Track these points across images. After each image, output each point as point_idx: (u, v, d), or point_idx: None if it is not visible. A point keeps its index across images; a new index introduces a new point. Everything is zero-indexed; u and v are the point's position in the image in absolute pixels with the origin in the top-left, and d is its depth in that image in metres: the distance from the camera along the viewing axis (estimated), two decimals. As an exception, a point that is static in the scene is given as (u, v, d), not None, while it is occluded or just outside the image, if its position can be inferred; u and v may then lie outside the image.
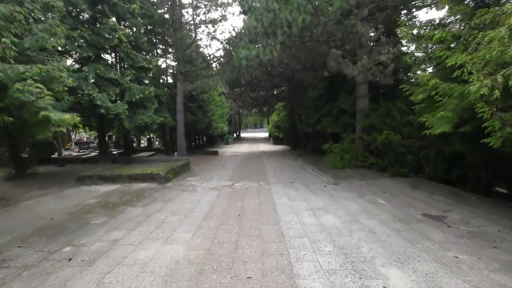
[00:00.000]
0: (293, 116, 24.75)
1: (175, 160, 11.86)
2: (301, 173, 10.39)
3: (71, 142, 17.93)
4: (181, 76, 15.30)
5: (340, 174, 9.85)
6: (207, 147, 30.38)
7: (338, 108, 13.34)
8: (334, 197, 6.29)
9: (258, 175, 9.93)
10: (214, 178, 9.47)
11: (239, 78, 21.51)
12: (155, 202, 6.07)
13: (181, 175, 10.17)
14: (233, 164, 13.68)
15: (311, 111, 17.53)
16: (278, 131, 31.09)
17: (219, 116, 30.37)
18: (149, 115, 10.20)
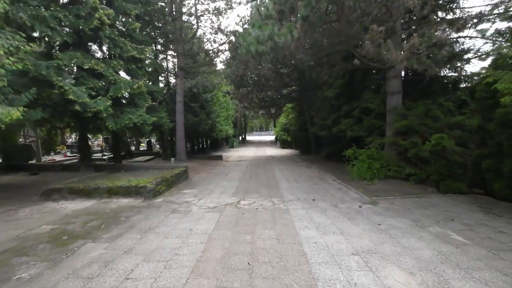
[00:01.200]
0: (304, 118, 22.92)
1: (171, 167, 10.15)
2: (321, 185, 8.54)
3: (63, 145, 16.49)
4: (181, 72, 13.66)
5: (370, 187, 7.99)
6: (211, 151, 28.71)
7: (361, 108, 11.48)
8: (382, 227, 4.45)
9: (269, 188, 8.12)
10: (215, 192, 7.70)
11: (245, 76, 19.84)
12: (129, 233, 4.32)
13: (176, 187, 8.43)
14: (239, 172, 11.91)
15: (325, 112, 15.70)
16: (286, 134, 29.26)
17: (223, 118, 28.72)
18: (139, 114, 8.52)
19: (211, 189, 8.19)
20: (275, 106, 24.59)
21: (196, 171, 12.31)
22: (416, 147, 8.07)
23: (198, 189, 8.13)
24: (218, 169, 13.24)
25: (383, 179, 8.83)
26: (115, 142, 10.73)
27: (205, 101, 18.96)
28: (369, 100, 10.58)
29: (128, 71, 9.35)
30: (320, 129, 16.41)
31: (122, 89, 8.01)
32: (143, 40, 10.37)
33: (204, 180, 9.96)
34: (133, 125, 8.36)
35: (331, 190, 7.69)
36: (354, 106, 12.11)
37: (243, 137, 54.94)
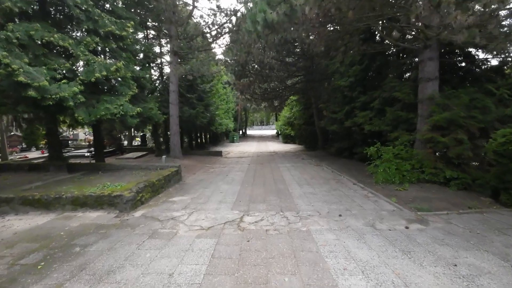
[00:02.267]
0: (310, 111, 21.32)
1: (161, 167, 8.62)
2: (341, 190, 7.01)
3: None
4: (174, 58, 12.01)
5: (402, 194, 6.47)
6: (210, 146, 27.18)
7: (382, 98, 9.88)
8: (462, 271, 2.93)
9: (279, 195, 6.59)
10: (212, 200, 6.17)
11: (247, 65, 18.16)
12: (73, 283, 2.80)
13: (164, 192, 6.91)
14: (240, 172, 10.38)
15: (336, 105, 14.07)
16: (290, 128, 27.68)
17: (224, 111, 27.11)
18: (119, 103, 6.94)
19: (207, 195, 6.66)
20: (279, 98, 22.91)
21: (192, 171, 10.79)
22: (461, 145, 6.51)
23: (191, 196, 6.60)
24: (217, 168, 11.72)
25: (415, 183, 7.30)
26: (97, 136, 9.18)
27: (203, 92, 17.32)
28: (395, 88, 8.95)
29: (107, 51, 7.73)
30: (330, 123, 14.81)
31: (96, 71, 6.40)
32: (127, 17, 8.71)
33: (200, 182, 8.43)
34: (112, 117, 6.77)
35: (356, 199, 6.16)
36: (373, 96, 10.50)
37: (244, 131, 53.36)
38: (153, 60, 13.19)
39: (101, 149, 9.32)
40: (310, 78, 18.25)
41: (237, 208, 5.50)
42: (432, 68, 7.40)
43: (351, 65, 12.35)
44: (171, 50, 11.99)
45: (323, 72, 17.21)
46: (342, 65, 13.11)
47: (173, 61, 11.96)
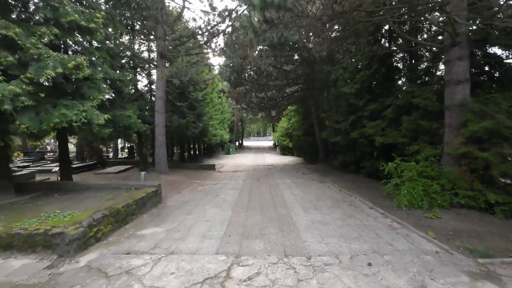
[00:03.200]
0: (309, 121, 20.08)
1: (136, 186, 7.13)
2: (357, 218, 5.59)
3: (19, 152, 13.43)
4: (161, 61, 10.74)
5: (436, 223, 5.09)
6: (204, 158, 25.67)
7: (396, 106, 8.63)
8: None
9: (280, 226, 5.14)
10: (192, 235, 4.70)
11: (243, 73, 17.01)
12: None
13: (134, 221, 5.41)
14: (233, 190, 8.91)
15: (340, 114, 12.83)
16: (288, 139, 26.37)
17: (218, 122, 25.81)
18: (82, 109, 5.55)
19: (188, 225, 5.19)
20: (276, 108, 21.71)
21: (178, 188, 9.30)
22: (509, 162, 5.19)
23: (167, 227, 5.12)
24: (207, 185, 10.23)
25: (447, 208, 5.93)
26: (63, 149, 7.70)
27: (195, 101, 16.02)
28: (413, 94, 7.70)
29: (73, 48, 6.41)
30: (333, 133, 13.53)
31: (50, 68, 5.05)
32: (97, 8, 7.44)
33: (184, 205, 6.95)
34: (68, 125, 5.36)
35: (381, 232, 4.74)
36: (385, 104, 9.27)
37: (240, 142, 52.03)
38: (137, 64, 11.91)
39: (68, 164, 7.84)
40: (310, 86, 17.11)
41: (225, 249, 4.03)
42: (462, 69, 6.18)
43: (357, 71, 11.21)
44: (157, 53, 10.74)
45: (325, 79, 16.10)
46: (346, 71, 11.97)
47: (159, 64, 10.69)
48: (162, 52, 10.53)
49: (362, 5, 6.50)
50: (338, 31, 8.81)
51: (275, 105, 21.05)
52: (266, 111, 21.95)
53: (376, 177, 10.51)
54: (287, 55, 17.40)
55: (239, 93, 17.95)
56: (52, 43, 5.76)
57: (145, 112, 12.11)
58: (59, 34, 5.75)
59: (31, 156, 13.52)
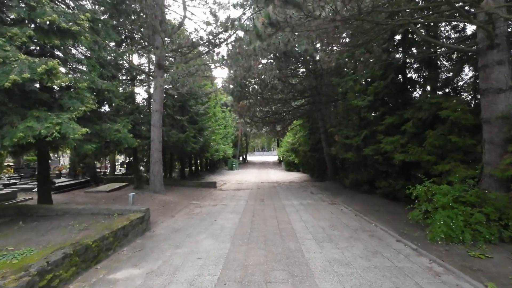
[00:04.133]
0: (316, 136, 19.11)
1: (120, 212, 6.15)
2: (385, 256, 4.48)
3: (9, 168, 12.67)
4: (159, 72, 10.07)
5: (490, 266, 3.97)
6: (206, 174, 24.69)
7: (418, 120, 7.66)
8: None
9: (290, 269, 4.06)
10: (177, 280, 3.65)
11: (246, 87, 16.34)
12: None
13: (108, 259, 4.39)
14: (234, 214, 7.84)
15: (351, 128, 11.88)
16: (294, 155, 25.34)
17: (222, 137, 25.03)
18: (55, 122, 4.72)
19: (174, 266, 4.14)
20: (281, 122, 20.90)
21: (172, 211, 8.28)
22: None
23: (147, 268, 4.08)
24: (205, 206, 9.19)
25: (496, 244, 4.79)
26: (41, 165, 6.81)
27: (196, 115, 15.28)
28: (440, 105, 6.73)
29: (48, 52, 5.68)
30: (343, 150, 12.51)
31: (15, 72, 4.26)
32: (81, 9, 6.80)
33: (175, 234, 5.91)
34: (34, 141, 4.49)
35: (422, 281, 3.63)
36: (404, 118, 8.31)
37: (244, 157, 51.07)
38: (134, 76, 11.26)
39: (46, 183, 6.93)
40: (317, 100, 16.31)
41: (216, 310, 2.98)
42: (503, 75, 5.24)
43: (369, 82, 10.37)
44: (155, 63, 10.08)
45: (333, 92, 15.30)
46: (357, 82, 11.16)
47: (157, 75, 10.00)
48: (160, 63, 9.87)
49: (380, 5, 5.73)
50: (349, 37, 8.03)
51: (280, 119, 20.26)
52: (270, 125, 21.12)
53: (394, 199, 9.39)
54: (293, 68, 16.78)
55: (242, 107, 17.21)
56: (25, 46, 5.04)
57: (141, 126, 11.31)
58: (35, 37, 5.02)
59: (20, 173, 12.74)
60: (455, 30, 8.44)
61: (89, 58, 7.06)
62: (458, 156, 6.36)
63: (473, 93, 8.13)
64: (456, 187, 5.58)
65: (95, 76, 6.69)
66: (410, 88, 9.63)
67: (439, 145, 6.68)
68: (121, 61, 9.49)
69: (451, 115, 6.23)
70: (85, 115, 6.23)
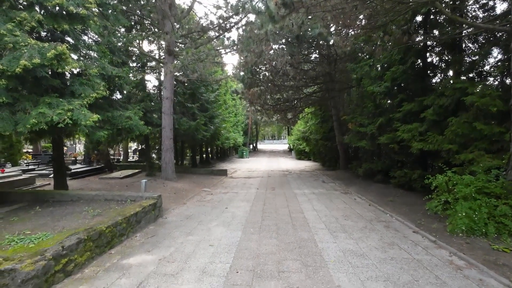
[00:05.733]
0: (329, 124, 18.72)
1: (133, 198, 6.21)
2: (402, 248, 4.32)
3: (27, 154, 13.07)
4: (169, 58, 9.93)
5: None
6: (217, 161, 24.84)
7: (439, 107, 7.24)
8: None
9: (303, 260, 3.97)
10: (188, 270, 3.63)
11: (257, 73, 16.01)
12: None
13: (122, 244, 4.44)
14: (245, 202, 7.81)
15: (366, 116, 11.49)
16: (305, 143, 25.02)
17: (232, 125, 24.95)
18: (67, 108, 4.71)
19: (187, 253, 4.14)
20: (292, 110, 20.51)
21: (183, 198, 8.34)
22: None
23: (161, 254, 4.10)
24: (216, 194, 9.22)
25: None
26: (56, 152, 6.94)
27: (206, 102, 15.17)
28: (465, 90, 6.30)
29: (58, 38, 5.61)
30: (357, 138, 12.16)
31: (25, 57, 4.22)
32: None
33: (187, 221, 5.94)
34: (48, 128, 4.50)
35: (443, 275, 3.46)
36: (423, 104, 7.88)
37: (254, 145, 51.04)
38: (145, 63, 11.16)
39: (62, 169, 7.08)
40: (330, 86, 15.80)
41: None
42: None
43: (388, 67, 9.87)
44: (165, 49, 9.93)
45: (347, 78, 14.79)
46: (373, 68, 10.68)
47: (167, 61, 9.86)
48: (170, 48, 9.70)
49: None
50: (367, 18, 7.57)
51: (291, 107, 19.87)
52: (281, 113, 20.77)
53: (410, 189, 9.10)
54: (305, 53, 16.24)
55: (253, 94, 16.93)
56: (35, 32, 4.98)
57: (152, 113, 11.32)
58: (44, 21, 4.94)
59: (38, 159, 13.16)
60: (483, 9, 7.81)
61: (99, 43, 6.98)
62: (483, 145, 5.98)
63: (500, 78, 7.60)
64: (480, 177, 5.28)
65: (106, 63, 6.64)
66: (431, 73, 9.11)
67: (462, 133, 6.30)
68: (131, 47, 9.39)
69: (478, 101, 5.81)
70: (97, 102, 6.20)
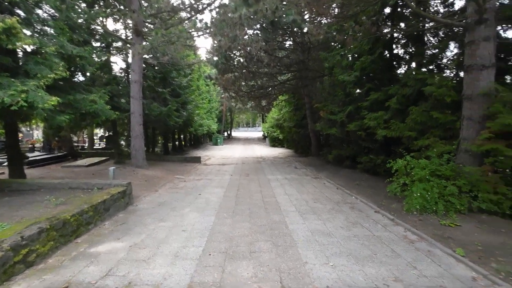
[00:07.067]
0: (302, 112, 19.13)
1: (100, 185, 5.95)
2: (365, 226, 4.69)
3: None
4: (137, 39, 9.35)
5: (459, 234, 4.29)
6: (191, 149, 24.38)
7: (402, 96, 7.74)
8: None
9: (274, 240, 4.16)
10: (161, 254, 3.64)
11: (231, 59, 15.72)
12: None
13: (89, 233, 4.29)
14: (219, 188, 7.86)
15: (336, 104, 11.91)
16: (278, 131, 25.40)
17: (205, 111, 24.47)
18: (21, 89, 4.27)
19: (158, 240, 4.12)
20: (267, 97, 20.58)
21: (155, 186, 8.16)
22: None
23: (131, 240, 4.03)
24: (190, 181, 9.13)
25: (465, 214, 5.12)
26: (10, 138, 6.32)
27: (179, 87, 14.65)
28: (425, 81, 6.79)
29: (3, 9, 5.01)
30: (328, 125, 12.62)
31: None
32: None
33: (159, 208, 5.85)
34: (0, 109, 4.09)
35: (398, 248, 3.85)
36: (388, 93, 8.36)
37: (229, 133, 50.74)
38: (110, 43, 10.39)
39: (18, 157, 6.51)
40: (303, 75, 16.04)
41: (202, 278, 3.01)
42: (487, 52, 5.28)
43: (356, 57, 10.22)
44: (132, 28, 9.31)
45: (319, 67, 15.07)
46: (344, 57, 10.99)
47: (135, 42, 9.29)
48: (138, 28, 9.12)
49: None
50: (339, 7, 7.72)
51: (265, 94, 19.91)
52: (256, 100, 20.77)
53: (375, 173, 9.75)
54: (280, 40, 16.20)
55: (227, 80, 16.64)
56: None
57: (120, 98, 10.72)
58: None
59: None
60: (444, 4, 8.32)
61: (56, 19, 6.36)
62: (438, 132, 6.56)
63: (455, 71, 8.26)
64: (434, 161, 5.82)
65: (65, 41, 6.09)
66: (397, 64, 9.61)
67: (421, 121, 6.84)
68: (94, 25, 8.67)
69: (435, 92, 6.31)
70: (56, 84, 5.73)
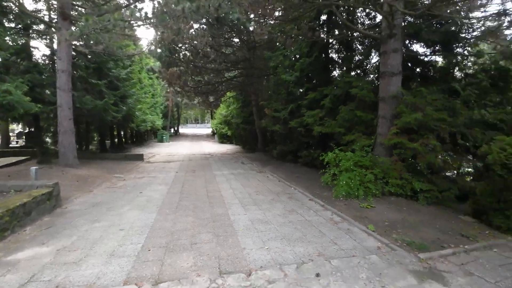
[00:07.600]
0: (249, 109, 19.59)
1: (19, 187, 5.25)
2: (299, 213, 5.22)
3: None
4: (64, 23, 8.33)
5: (372, 213, 5.15)
6: (133, 146, 22.71)
7: (334, 96, 8.68)
8: None
9: (216, 231, 4.33)
10: (94, 255, 3.47)
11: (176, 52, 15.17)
12: None
13: (7, 239, 3.80)
14: (162, 186, 7.64)
15: (280, 102, 12.61)
16: (227, 127, 25.50)
17: (149, 106, 23.07)
18: None
19: (91, 241, 3.89)
20: (214, 93, 20.44)
21: (89, 186, 7.49)
22: (434, 152, 5.54)
23: (59, 245, 3.72)
24: (130, 179, 8.63)
25: (379, 197, 6.11)
26: None
27: (117, 79, 13.52)
28: (351, 84, 7.75)
29: None
30: (272, 122, 13.26)
31: None
32: None
33: (93, 208, 5.45)
34: None
35: (324, 229, 4.42)
36: (323, 93, 9.26)
37: (176, 129, 48.72)
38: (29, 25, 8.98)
39: None
40: (250, 73, 16.45)
41: (139, 273, 3.01)
42: (396, 62, 6.34)
43: (297, 58, 10.99)
44: (57, 11, 8.26)
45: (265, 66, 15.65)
46: (287, 58, 11.69)
47: (61, 27, 8.27)
48: (65, 11, 8.12)
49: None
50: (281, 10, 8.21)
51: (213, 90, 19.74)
52: (203, 96, 20.43)
53: (313, 166, 10.68)
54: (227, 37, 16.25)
55: (172, 74, 15.98)
56: None
57: (44, 89, 9.44)
58: None
59: None
60: (368, 17, 9.54)
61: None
62: (361, 128, 7.59)
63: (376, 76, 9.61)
64: (357, 154, 6.74)
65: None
66: (331, 67, 10.64)
67: (348, 119, 7.80)
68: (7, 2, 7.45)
69: (359, 93, 7.28)
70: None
